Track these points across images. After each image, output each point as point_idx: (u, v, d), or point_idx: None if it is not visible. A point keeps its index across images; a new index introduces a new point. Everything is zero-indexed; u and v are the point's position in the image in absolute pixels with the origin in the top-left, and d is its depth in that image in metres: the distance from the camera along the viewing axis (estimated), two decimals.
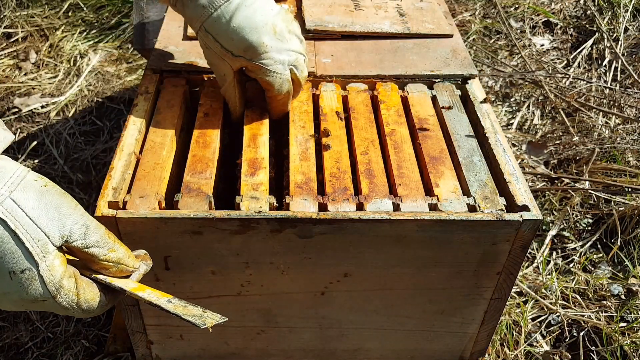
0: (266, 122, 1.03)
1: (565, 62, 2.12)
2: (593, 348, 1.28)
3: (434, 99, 1.09)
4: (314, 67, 1.14)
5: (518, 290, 1.38)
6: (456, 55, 1.19)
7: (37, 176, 0.67)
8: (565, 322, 1.33)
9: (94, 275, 0.71)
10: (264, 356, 1.09)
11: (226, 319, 0.71)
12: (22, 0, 2.34)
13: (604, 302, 1.36)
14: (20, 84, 2.02)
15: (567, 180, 1.65)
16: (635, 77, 1.98)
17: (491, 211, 0.86)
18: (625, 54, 2.12)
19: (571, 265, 1.46)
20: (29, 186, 0.65)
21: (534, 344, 1.29)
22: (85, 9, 2.31)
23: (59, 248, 0.66)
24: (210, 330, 0.69)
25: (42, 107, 1.93)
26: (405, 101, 1.09)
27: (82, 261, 0.71)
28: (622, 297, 1.37)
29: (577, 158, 1.72)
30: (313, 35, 1.23)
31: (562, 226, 1.54)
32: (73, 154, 1.76)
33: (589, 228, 1.55)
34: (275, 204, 0.87)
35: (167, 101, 1.05)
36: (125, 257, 0.72)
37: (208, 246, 0.88)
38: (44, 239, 0.64)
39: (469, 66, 1.16)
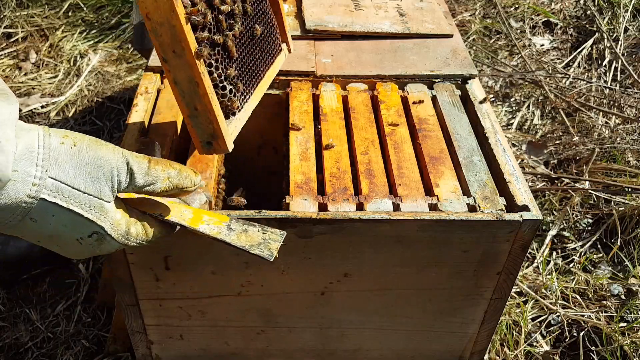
0: None
1: (565, 62, 2.12)
2: (593, 348, 1.28)
3: (434, 99, 1.09)
4: (313, 67, 1.14)
5: (518, 290, 1.38)
6: (456, 55, 1.19)
7: (61, 136, 0.63)
8: (565, 322, 1.32)
9: (148, 213, 0.71)
10: (264, 356, 1.09)
11: (285, 233, 0.74)
12: (22, 0, 2.34)
13: (604, 302, 1.36)
14: (20, 84, 2.02)
15: (567, 180, 1.65)
16: (635, 77, 1.98)
17: (491, 211, 0.86)
18: (625, 54, 2.12)
19: (571, 265, 1.46)
20: (59, 155, 0.62)
21: (534, 344, 1.29)
22: (85, 9, 2.31)
23: (115, 199, 0.66)
24: (277, 255, 0.72)
25: (42, 107, 1.93)
26: (405, 101, 1.09)
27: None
28: (622, 297, 1.37)
29: (577, 158, 1.72)
30: (313, 35, 1.23)
31: (562, 226, 1.54)
32: None
33: (589, 228, 1.55)
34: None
35: (167, 101, 1.05)
36: (182, 179, 0.71)
37: (208, 246, 0.88)
38: (99, 202, 0.64)
39: (469, 66, 1.16)
